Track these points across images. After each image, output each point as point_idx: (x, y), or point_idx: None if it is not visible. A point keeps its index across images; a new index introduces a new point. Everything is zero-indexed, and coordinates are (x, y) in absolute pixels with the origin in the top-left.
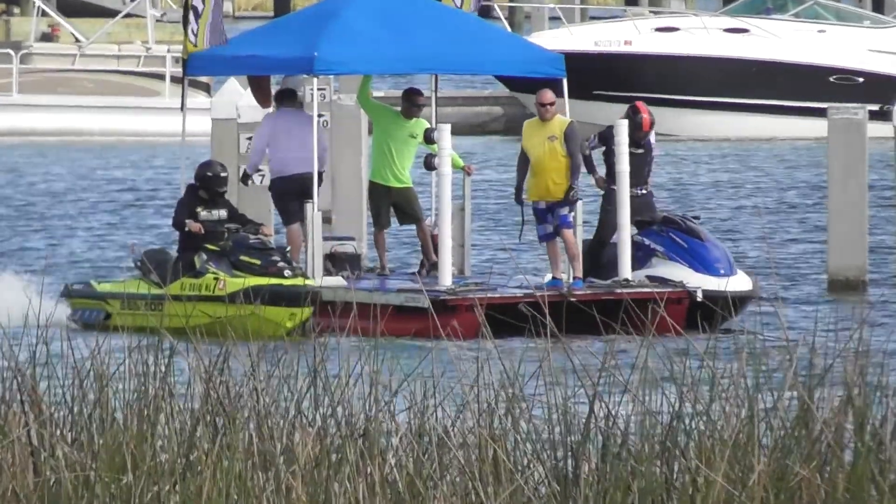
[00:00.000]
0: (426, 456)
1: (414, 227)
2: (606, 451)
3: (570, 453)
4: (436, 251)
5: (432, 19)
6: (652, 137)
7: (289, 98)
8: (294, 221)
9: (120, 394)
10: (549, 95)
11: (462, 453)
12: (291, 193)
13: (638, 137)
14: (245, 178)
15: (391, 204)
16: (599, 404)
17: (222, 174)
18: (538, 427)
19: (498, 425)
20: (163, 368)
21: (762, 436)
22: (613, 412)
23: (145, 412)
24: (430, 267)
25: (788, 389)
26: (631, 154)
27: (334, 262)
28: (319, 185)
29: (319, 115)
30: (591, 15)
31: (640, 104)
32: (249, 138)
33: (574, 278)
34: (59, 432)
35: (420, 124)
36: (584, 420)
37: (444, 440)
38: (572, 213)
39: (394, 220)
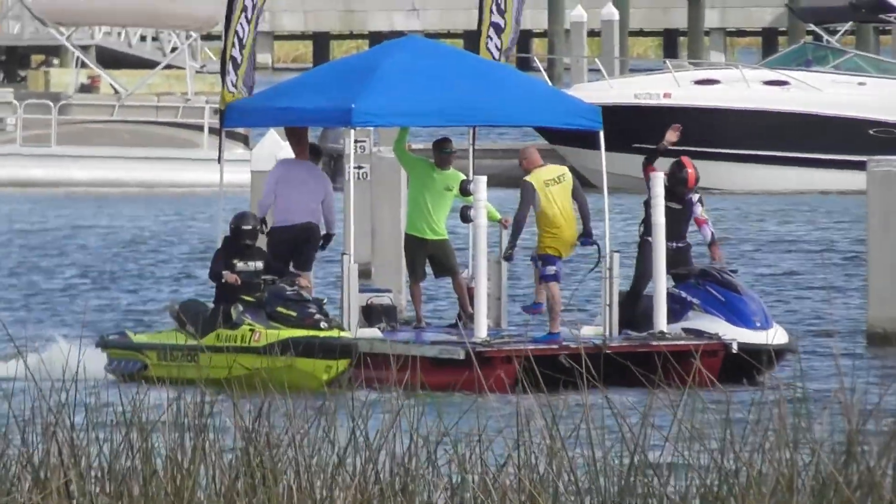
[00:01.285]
0: None
1: (450, 279)
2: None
3: None
4: (472, 303)
5: (470, 71)
6: (694, 197)
7: (313, 154)
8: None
9: (159, 446)
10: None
11: None
12: (288, 243)
13: (681, 193)
14: (262, 223)
15: (427, 256)
16: (640, 456)
17: (245, 227)
18: (580, 479)
19: (538, 478)
20: (202, 421)
21: (801, 485)
22: (654, 464)
23: (184, 465)
24: (466, 319)
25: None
26: (670, 209)
27: (371, 314)
28: (325, 242)
29: (359, 168)
30: (631, 67)
31: (685, 159)
32: None
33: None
34: (98, 484)
35: (456, 176)
36: (625, 472)
37: (486, 491)
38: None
39: (430, 273)
